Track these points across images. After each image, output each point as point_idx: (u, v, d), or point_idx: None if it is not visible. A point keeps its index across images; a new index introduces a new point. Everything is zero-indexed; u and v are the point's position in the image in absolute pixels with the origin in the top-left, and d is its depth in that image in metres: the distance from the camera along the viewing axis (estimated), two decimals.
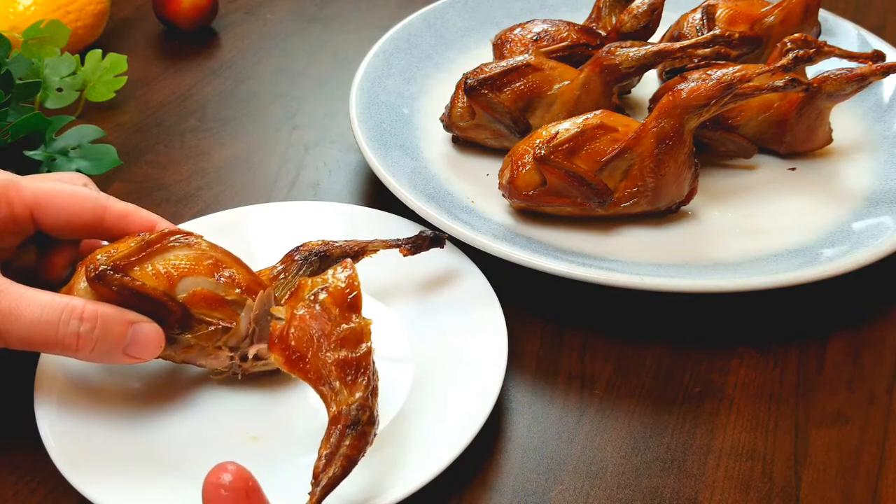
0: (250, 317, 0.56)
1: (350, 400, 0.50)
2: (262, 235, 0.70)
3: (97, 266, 0.53)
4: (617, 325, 0.67)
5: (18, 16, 0.88)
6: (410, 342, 0.63)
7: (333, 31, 1.03)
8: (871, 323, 0.67)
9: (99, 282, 0.53)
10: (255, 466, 0.55)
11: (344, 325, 0.52)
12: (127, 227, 0.58)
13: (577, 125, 0.69)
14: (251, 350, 0.57)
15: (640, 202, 0.70)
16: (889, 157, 0.78)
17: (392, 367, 0.61)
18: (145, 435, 0.56)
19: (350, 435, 0.49)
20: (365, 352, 0.52)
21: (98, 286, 0.54)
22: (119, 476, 0.53)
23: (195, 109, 0.90)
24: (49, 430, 0.55)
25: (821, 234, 0.71)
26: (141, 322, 0.54)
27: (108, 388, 0.58)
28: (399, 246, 0.63)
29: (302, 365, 0.51)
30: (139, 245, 0.55)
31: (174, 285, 0.55)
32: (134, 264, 0.55)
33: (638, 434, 0.59)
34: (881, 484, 0.57)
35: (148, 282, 0.54)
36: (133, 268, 0.54)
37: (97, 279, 0.53)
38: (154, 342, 0.54)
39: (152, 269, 0.55)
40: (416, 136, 0.80)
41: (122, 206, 0.58)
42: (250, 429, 0.57)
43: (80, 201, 0.57)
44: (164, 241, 0.56)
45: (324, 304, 0.53)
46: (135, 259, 0.55)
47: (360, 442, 0.50)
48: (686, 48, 0.74)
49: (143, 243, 0.55)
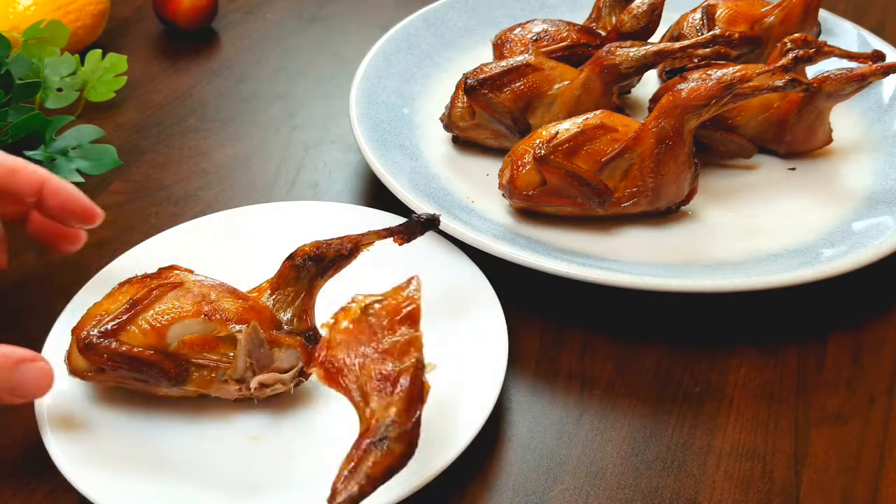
0: (244, 352, 0.55)
1: (382, 414, 0.46)
2: (261, 235, 0.70)
3: (87, 336, 0.54)
4: (617, 325, 0.67)
5: (18, 16, 0.88)
6: None
7: (333, 31, 1.03)
8: (871, 323, 0.67)
9: (89, 351, 0.54)
10: (255, 466, 0.55)
11: (391, 336, 0.48)
12: (14, 184, 0.58)
13: (577, 125, 0.69)
14: (253, 382, 0.56)
15: (640, 202, 0.70)
16: (889, 157, 0.78)
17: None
18: (146, 434, 0.56)
19: (374, 452, 0.45)
20: (408, 365, 0.47)
21: (90, 355, 0.54)
22: (119, 475, 0.53)
23: (195, 109, 0.90)
24: (49, 429, 0.55)
25: (821, 234, 0.71)
26: (27, 362, 0.52)
27: (109, 388, 0.58)
28: (393, 235, 0.61)
29: (340, 378, 0.48)
30: (127, 305, 0.55)
31: (164, 336, 0.54)
32: (124, 326, 0.54)
33: (638, 434, 0.59)
34: (881, 484, 0.57)
35: (138, 342, 0.54)
36: (123, 330, 0.54)
37: (87, 349, 0.54)
38: (42, 384, 0.52)
39: (141, 326, 0.55)
40: (416, 136, 0.80)
41: (11, 162, 0.58)
42: (251, 429, 0.57)
43: None
44: (150, 296, 0.55)
45: (377, 314, 0.49)
46: (124, 320, 0.55)
47: (385, 460, 0.45)
48: (686, 48, 0.74)
49: (130, 302, 0.55)
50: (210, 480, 0.54)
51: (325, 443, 0.56)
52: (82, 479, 0.52)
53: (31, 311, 0.67)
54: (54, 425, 0.55)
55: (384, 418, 0.46)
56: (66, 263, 0.71)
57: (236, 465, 0.55)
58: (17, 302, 0.68)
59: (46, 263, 0.71)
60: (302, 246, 0.59)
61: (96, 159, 0.79)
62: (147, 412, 0.58)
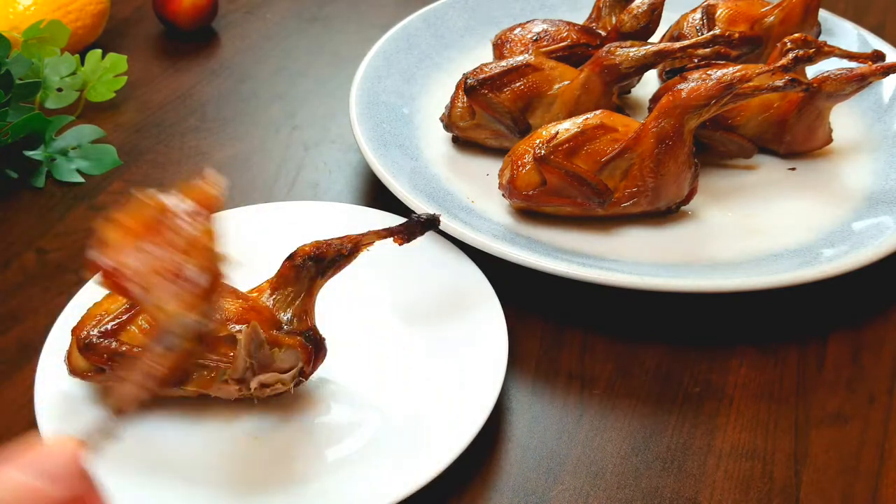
0: (244, 353, 0.54)
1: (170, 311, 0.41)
2: (261, 235, 0.69)
3: (87, 336, 0.54)
4: (617, 325, 0.67)
5: (18, 16, 0.88)
6: (411, 342, 0.63)
7: (333, 31, 1.03)
8: (871, 323, 0.67)
9: (89, 351, 0.54)
10: (256, 466, 0.55)
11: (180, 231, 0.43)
12: None
13: (577, 125, 0.69)
14: (254, 382, 0.56)
15: (640, 202, 0.70)
16: (889, 157, 0.78)
17: (392, 366, 0.61)
18: (145, 434, 0.56)
19: (158, 350, 0.41)
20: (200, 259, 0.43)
21: (89, 355, 0.54)
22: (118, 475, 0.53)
23: (195, 109, 0.90)
24: (49, 428, 0.55)
25: (821, 234, 0.71)
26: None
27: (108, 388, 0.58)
28: (393, 235, 0.61)
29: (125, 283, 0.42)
30: (126, 305, 0.55)
31: None
32: (124, 326, 0.55)
33: (638, 434, 0.59)
34: (881, 484, 0.57)
35: (138, 342, 0.54)
36: (123, 330, 0.54)
37: (87, 349, 0.54)
38: None
39: (141, 326, 0.55)
40: (416, 136, 0.80)
41: None
42: (251, 429, 0.57)
43: None
44: None
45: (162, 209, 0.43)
46: (124, 320, 0.55)
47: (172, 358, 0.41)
48: (686, 48, 0.74)
49: (129, 302, 0.55)
50: (210, 480, 0.54)
51: (324, 443, 0.57)
52: None
53: (31, 311, 0.67)
54: (54, 426, 0.55)
55: (176, 316, 0.41)
56: (66, 263, 0.71)
57: (236, 464, 0.55)
58: (17, 302, 0.68)
59: (46, 263, 0.71)
60: (302, 246, 0.59)
61: (96, 159, 0.79)
62: (146, 412, 0.57)
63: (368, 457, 0.55)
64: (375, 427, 0.57)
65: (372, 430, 0.57)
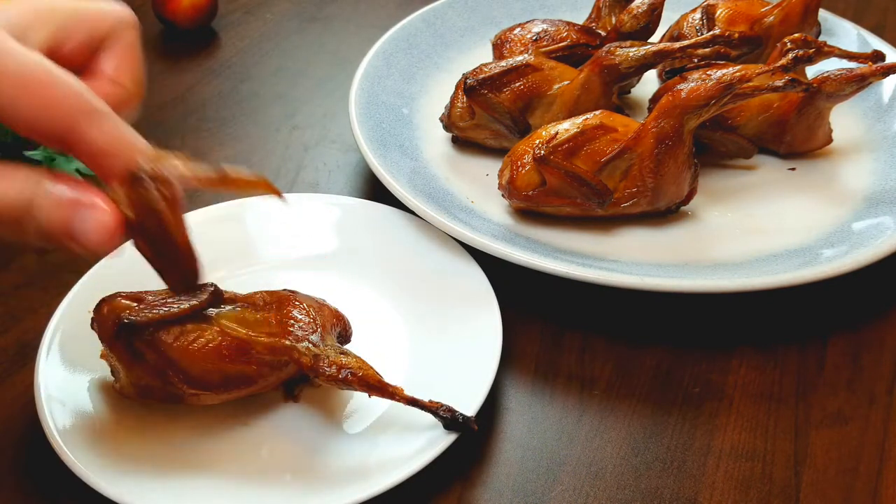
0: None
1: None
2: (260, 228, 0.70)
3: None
4: (617, 326, 0.67)
5: None
6: (410, 341, 0.63)
7: (333, 31, 1.03)
8: (870, 323, 0.67)
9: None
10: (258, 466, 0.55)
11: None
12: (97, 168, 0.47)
13: (577, 125, 0.69)
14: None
15: (640, 202, 0.70)
16: (889, 157, 0.78)
17: (389, 363, 0.61)
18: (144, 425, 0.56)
19: None
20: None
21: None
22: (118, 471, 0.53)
23: (195, 109, 0.90)
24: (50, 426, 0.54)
25: (821, 234, 0.71)
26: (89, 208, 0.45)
27: (108, 382, 0.58)
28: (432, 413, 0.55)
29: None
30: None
31: None
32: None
33: (638, 434, 0.59)
34: (881, 484, 0.57)
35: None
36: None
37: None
38: (102, 234, 0.44)
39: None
40: (416, 136, 0.80)
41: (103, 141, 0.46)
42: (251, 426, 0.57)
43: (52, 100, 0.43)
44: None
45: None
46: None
47: None
48: (686, 48, 0.74)
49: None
50: (210, 479, 0.54)
51: (325, 443, 0.56)
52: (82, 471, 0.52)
53: (31, 311, 0.67)
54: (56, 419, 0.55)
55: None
56: (66, 263, 0.71)
57: (237, 464, 0.55)
58: (17, 302, 0.68)
59: (46, 263, 0.71)
60: None
61: None
62: (149, 407, 0.57)
63: (366, 455, 0.55)
64: (370, 420, 0.58)
65: (368, 421, 0.57)
